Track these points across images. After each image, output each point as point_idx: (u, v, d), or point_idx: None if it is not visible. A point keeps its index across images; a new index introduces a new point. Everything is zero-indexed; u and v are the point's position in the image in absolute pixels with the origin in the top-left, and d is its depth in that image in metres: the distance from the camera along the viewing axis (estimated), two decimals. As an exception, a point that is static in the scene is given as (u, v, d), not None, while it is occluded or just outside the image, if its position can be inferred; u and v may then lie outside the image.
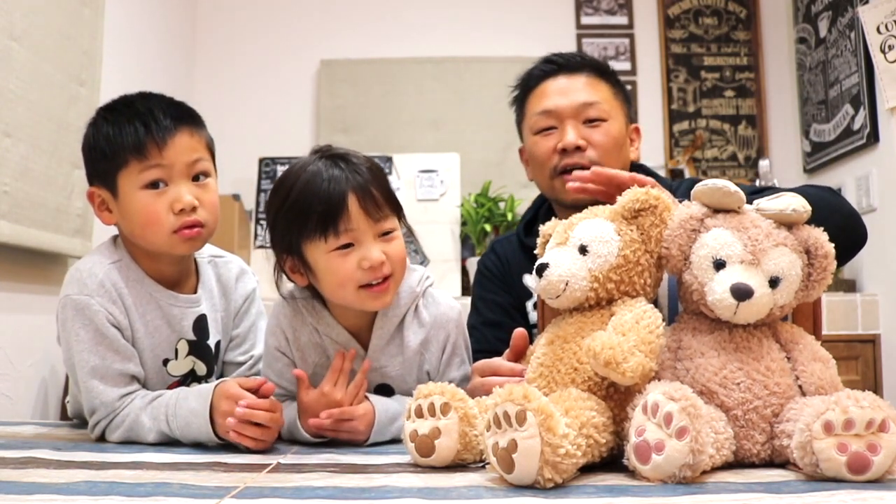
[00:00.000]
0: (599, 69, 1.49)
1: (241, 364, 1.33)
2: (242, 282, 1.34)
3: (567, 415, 0.81)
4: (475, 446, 0.91)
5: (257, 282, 1.38)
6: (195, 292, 1.27)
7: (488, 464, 0.84)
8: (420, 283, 1.22)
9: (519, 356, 1.14)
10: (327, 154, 1.14)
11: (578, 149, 1.43)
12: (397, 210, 1.16)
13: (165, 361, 1.23)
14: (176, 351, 1.24)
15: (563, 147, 1.43)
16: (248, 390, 1.07)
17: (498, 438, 0.79)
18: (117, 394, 1.15)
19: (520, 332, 1.14)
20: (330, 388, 1.12)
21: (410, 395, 1.04)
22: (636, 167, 1.57)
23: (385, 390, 1.21)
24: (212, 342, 1.28)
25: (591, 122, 1.44)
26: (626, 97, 1.54)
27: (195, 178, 1.18)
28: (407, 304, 1.20)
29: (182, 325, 1.24)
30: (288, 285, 1.21)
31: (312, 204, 1.08)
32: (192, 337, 1.25)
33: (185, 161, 1.17)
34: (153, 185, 1.15)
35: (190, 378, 1.26)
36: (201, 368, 1.27)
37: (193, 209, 1.16)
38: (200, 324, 1.26)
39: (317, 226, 1.08)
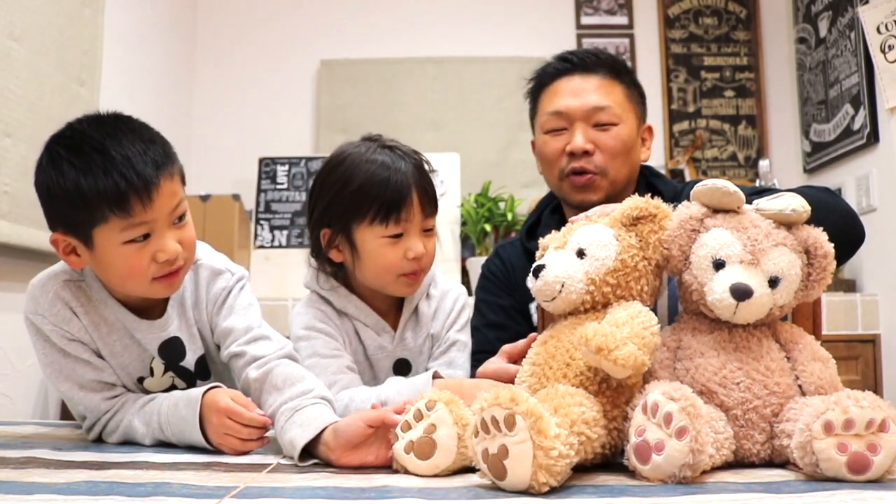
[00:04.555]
0: (615, 69, 1.48)
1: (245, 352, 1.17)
2: (213, 284, 1.22)
3: (556, 413, 0.79)
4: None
5: (239, 278, 1.24)
6: (164, 313, 1.17)
7: (478, 470, 0.81)
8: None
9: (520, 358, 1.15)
10: (387, 145, 1.25)
11: (586, 153, 1.42)
12: (436, 211, 1.29)
13: (141, 379, 1.19)
14: (151, 369, 1.19)
15: (571, 151, 1.43)
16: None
17: (487, 444, 0.77)
18: (100, 397, 1.14)
19: (533, 337, 1.15)
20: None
21: (424, 367, 1.30)
22: (644, 169, 1.57)
23: (403, 365, 1.31)
24: (189, 362, 1.20)
25: (601, 125, 1.43)
26: (641, 95, 1.53)
27: (176, 220, 1.09)
28: (426, 287, 1.34)
29: (150, 347, 1.17)
30: (308, 279, 1.32)
31: (378, 189, 1.19)
32: (162, 360, 1.19)
33: (169, 210, 1.06)
34: (140, 238, 1.05)
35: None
36: (181, 384, 1.21)
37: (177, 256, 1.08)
38: (169, 347, 1.18)
39: (378, 211, 1.19)
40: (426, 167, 1.27)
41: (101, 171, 1.00)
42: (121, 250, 1.04)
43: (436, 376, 1.15)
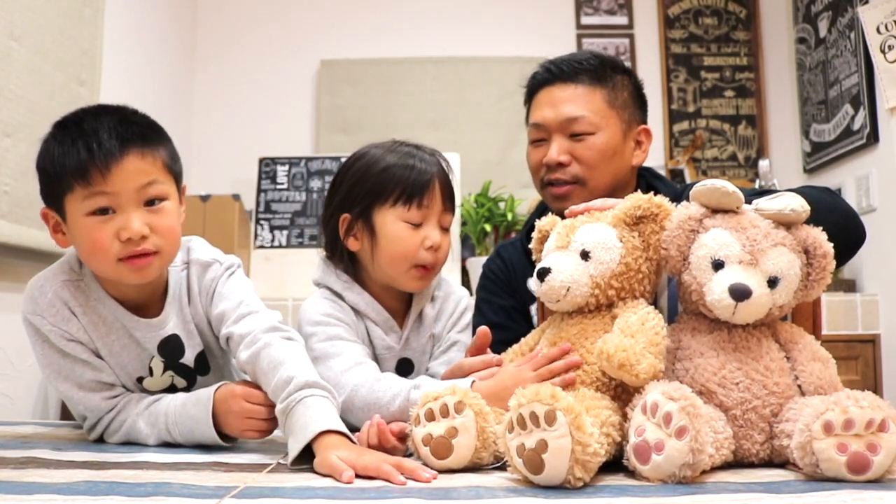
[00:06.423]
0: (597, 75, 1.46)
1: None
2: (204, 277, 1.22)
3: (588, 414, 0.81)
4: (492, 443, 0.89)
5: (227, 266, 1.23)
6: (162, 311, 1.18)
7: (508, 466, 0.82)
8: None
9: (480, 353, 1.17)
10: (410, 144, 1.31)
11: (561, 164, 1.43)
12: (454, 209, 1.31)
13: (140, 379, 1.18)
14: (150, 369, 1.18)
15: (546, 163, 1.45)
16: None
17: (524, 439, 0.78)
18: (100, 397, 1.14)
19: (483, 330, 1.18)
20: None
21: (425, 367, 1.30)
22: (645, 171, 1.57)
23: (405, 365, 1.31)
24: (189, 359, 1.21)
25: (576, 135, 1.43)
26: (634, 97, 1.50)
27: (149, 203, 1.08)
28: (433, 289, 1.35)
29: (149, 346, 1.18)
30: (320, 275, 1.31)
31: (403, 171, 1.25)
32: (161, 357, 1.19)
33: (134, 187, 1.06)
34: (100, 211, 1.05)
35: (172, 392, 1.20)
36: (181, 383, 1.21)
37: (143, 237, 1.06)
38: (168, 345, 1.18)
39: (402, 193, 1.23)
40: (448, 169, 1.32)
41: (70, 142, 1.06)
42: (85, 222, 1.06)
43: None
